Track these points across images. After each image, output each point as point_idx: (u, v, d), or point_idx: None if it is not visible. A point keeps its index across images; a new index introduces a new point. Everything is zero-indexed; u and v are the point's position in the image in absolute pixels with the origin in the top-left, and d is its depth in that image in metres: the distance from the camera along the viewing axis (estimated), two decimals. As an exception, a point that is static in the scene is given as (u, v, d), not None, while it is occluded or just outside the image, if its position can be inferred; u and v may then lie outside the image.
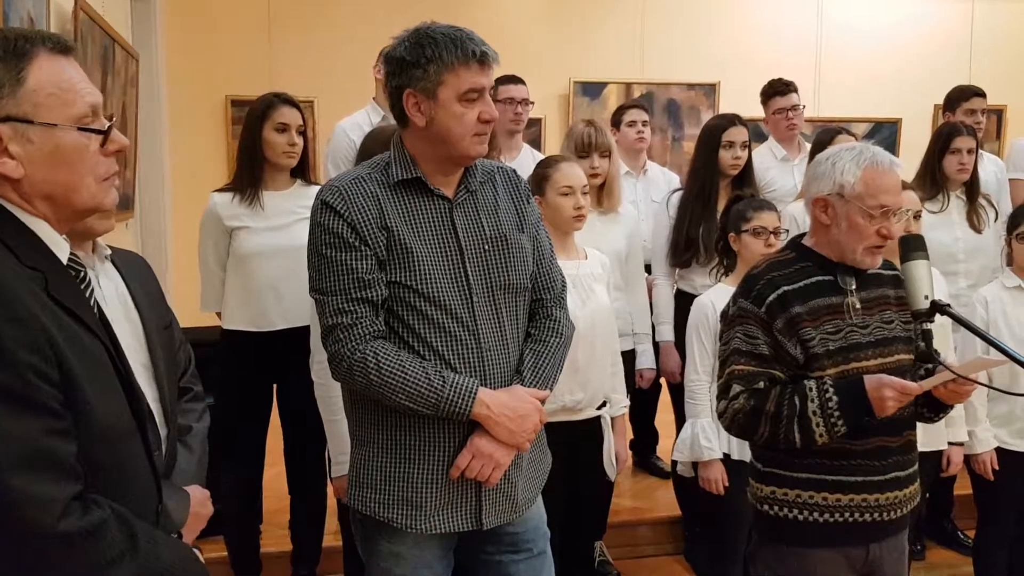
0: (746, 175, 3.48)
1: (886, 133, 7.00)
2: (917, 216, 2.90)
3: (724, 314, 2.15)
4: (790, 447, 1.98)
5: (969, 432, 3.01)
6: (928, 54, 7.16)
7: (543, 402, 1.93)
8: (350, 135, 3.70)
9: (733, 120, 3.45)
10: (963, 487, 3.44)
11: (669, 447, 4.17)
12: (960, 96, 4.41)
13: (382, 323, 1.86)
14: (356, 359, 1.82)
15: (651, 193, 3.93)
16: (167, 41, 5.42)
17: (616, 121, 4.00)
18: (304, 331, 2.76)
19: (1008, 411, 3.02)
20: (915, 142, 6.16)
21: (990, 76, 4.93)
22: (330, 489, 3.14)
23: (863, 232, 1.99)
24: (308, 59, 5.84)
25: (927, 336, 1.89)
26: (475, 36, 1.83)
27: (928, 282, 1.91)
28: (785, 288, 2.02)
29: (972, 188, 3.75)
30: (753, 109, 4.51)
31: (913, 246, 1.93)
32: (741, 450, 2.79)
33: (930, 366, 2.03)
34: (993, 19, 7.30)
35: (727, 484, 2.80)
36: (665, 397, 4.00)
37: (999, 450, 3.00)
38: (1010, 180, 4.27)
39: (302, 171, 3.09)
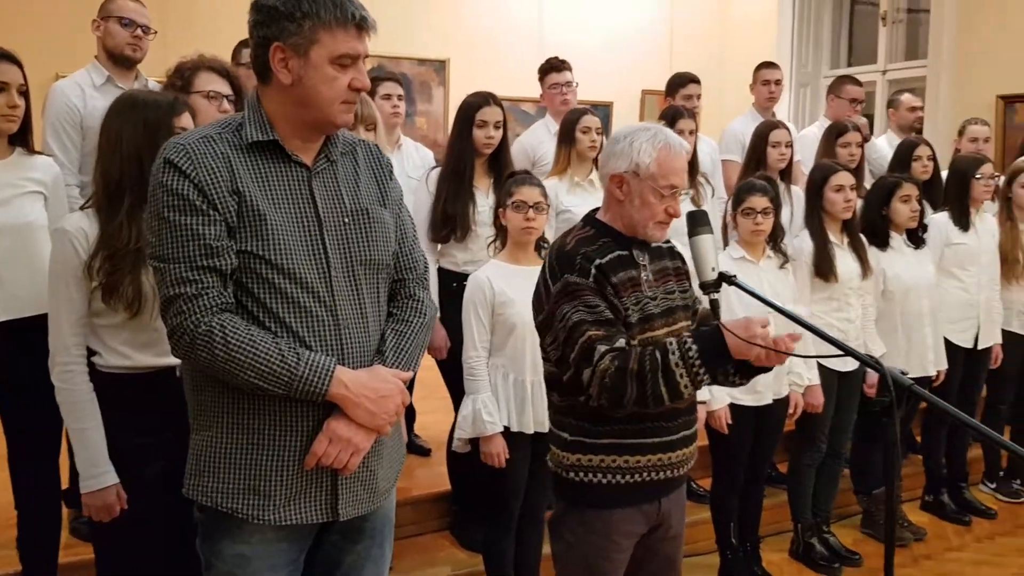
0: (502, 154, 3.53)
1: (600, 116, 7.46)
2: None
3: (543, 294, 2.14)
4: (658, 404, 2.01)
5: (708, 390, 3.30)
6: (635, 42, 7.74)
7: (406, 384, 1.82)
8: (70, 98, 3.26)
9: (488, 99, 3.47)
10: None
11: (426, 423, 4.22)
12: (678, 82, 4.79)
13: (230, 295, 1.68)
14: (200, 333, 1.63)
15: (406, 168, 3.87)
16: None
17: (370, 94, 3.89)
18: (31, 323, 2.44)
19: (737, 369, 3.34)
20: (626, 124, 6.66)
21: (687, 65, 5.41)
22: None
23: (653, 209, 2.10)
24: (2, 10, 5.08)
25: (715, 306, 2.03)
26: None
27: (714, 255, 2.04)
28: (599, 261, 2.08)
29: (693, 167, 4.09)
30: (481, 87, 4.52)
31: (699, 221, 2.06)
32: (520, 422, 2.85)
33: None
34: (689, 13, 8.05)
35: (508, 456, 2.84)
36: (423, 375, 3.98)
37: (731, 406, 3.32)
38: (722, 161, 4.73)
39: (23, 138, 2.67)
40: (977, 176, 4.09)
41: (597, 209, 2.24)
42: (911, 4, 7.39)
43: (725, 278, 2.01)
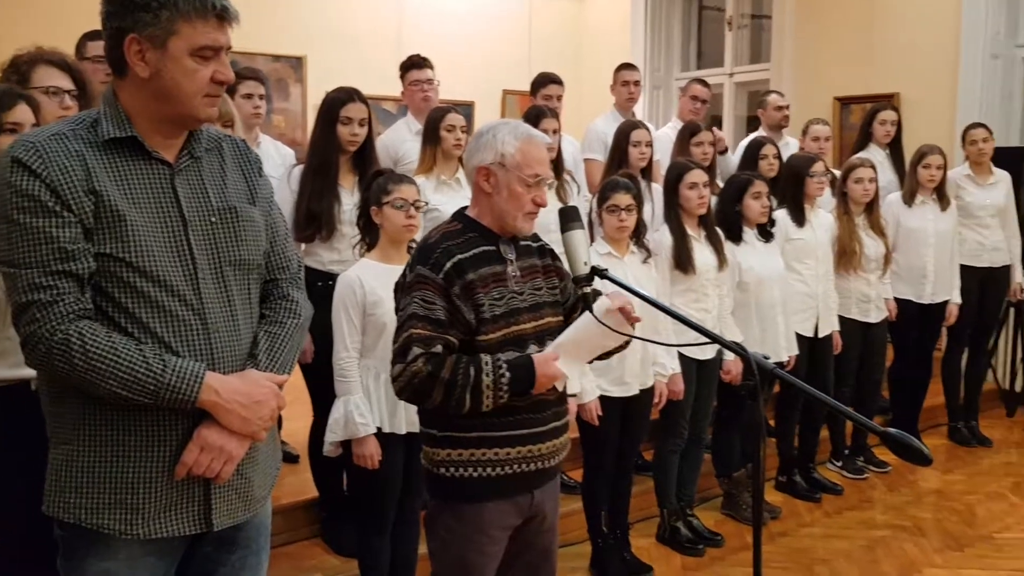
0: (367, 151, 3.48)
1: (463, 115, 7.50)
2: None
3: (400, 285, 2.15)
4: (457, 412, 2.07)
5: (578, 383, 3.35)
6: (495, 43, 7.81)
7: (281, 388, 1.76)
8: None
9: (352, 95, 3.41)
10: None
11: (293, 429, 4.10)
12: (539, 83, 4.88)
13: (88, 301, 1.59)
14: (56, 341, 1.54)
15: (266, 167, 3.74)
16: None
17: (230, 92, 3.75)
18: None
19: (606, 362, 3.41)
20: (489, 124, 6.72)
21: (546, 67, 5.50)
22: None
23: (521, 199, 2.13)
24: None
25: (587, 299, 2.08)
26: None
27: (586, 249, 2.10)
28: (459, 256, 2.09)
29: (558, 165, 4.16)
30: (340, 85, 4.43)
31: (571, 217, 2.10)
32: (392, 423, 2.82)
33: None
34: (547, 16, 8.18)
35: (381, 458, 2.80)
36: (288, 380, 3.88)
37: (601, 397, 3.40)
38: (585, 160, 4.84)
39: None
40: (810, 174, 4.34)
41: (468, 206, 2.25)
42: (755, 10, 7.79)
43: (597, 272, 2.06)
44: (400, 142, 4.30)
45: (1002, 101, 6.00)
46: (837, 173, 4.77)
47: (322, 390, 3.14)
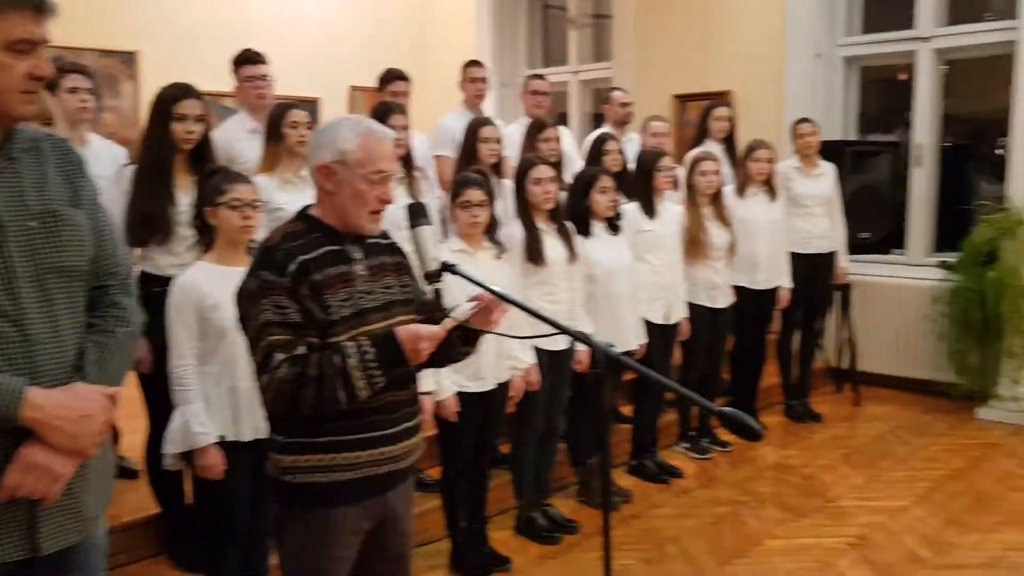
0: (204, 149, 3.34)
1: (307, 112, 7.32)
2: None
3: (241, 291, 2.05)
4: (336, 408, 1.97)
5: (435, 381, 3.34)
6: (341, 39, 7.68)
7: (114, 400, 1.66)
8: None
9: (186, 91, 3.28)
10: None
11: (133, 444, 3.89)
12: (386, 79, 4.86)
13: None
14: None
15: (96, 167, 3.53)
16: None
17: (52, 87, 3.51)
18: None
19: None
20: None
21: (392, 63, 5.42)
22: None
23: (365, 197, 2.07)
24: None
25: (438, 295, 2.06)
26: None
27: (435, 245, 2.08)
28: (302, 257, 2.01)
29: (408, 161, 4.13)
30: (177, 79, 4.22)
31: (419, 213, 2.08)
32: (236, 431, 2.72)
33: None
34: (392, 12, 8.12)
35: (226, 467, 2.70)
36: (126, 391, 3.67)
37: (458, 393, 3.40)
38: (435, 156, 4.83)
39: None
40: (658, 168, 4.50)
41: (311, 205, 2.18)
42: (596, 10, 7.99)
43: (447, 267, 2.05)
44: (235, 140, 4.14)
45: (826, 97, 6.41)
46: (677, 167, 4.96)
47: (162, 400, 2.99)
